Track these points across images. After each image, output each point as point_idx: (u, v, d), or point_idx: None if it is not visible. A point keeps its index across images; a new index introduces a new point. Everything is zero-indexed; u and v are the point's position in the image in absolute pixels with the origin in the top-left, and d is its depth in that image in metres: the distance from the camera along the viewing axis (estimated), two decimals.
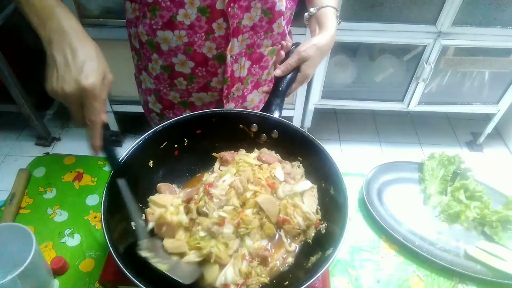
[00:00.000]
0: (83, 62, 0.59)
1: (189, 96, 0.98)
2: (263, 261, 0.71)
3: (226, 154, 0.84)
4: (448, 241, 0.91)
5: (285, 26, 0.93)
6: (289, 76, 0.84)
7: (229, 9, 0.80)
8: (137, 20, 0.87)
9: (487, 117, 2.29)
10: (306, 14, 0.91)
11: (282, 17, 0.88)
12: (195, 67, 0.90)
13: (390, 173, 1.04)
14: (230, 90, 0.96)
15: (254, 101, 1.06)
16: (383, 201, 0.98)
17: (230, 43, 0.86)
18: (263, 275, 0.70)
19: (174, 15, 0.81)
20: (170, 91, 0.97)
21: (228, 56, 0.88)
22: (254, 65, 0.96)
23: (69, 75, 0.57)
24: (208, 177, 0.80)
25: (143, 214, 0.77)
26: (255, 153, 0.85)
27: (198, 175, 0.87)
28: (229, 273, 0.68)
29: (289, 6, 0.90)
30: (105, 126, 0.65)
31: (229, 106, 1.00)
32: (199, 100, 0.99)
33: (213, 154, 0.86)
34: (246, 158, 0.82)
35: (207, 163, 0.86)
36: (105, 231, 0.62)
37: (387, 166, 1.05)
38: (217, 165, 0.84)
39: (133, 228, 0.73)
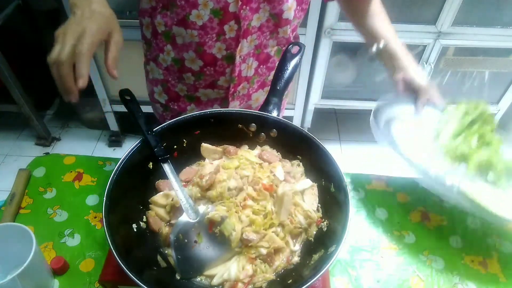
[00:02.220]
0: (96, 16, 0.62)
1: (195, 91, 0.99)
2: (268, 256, 0.72)
3: (229, 146, 0.84)
4: (446, 177, 0.84)
5: (291, 33, 0.94)
6: (287, 75, 0.85)
7: (241, 11, 0.81)
8: (154, 10, 0.87)
9: None
10: (373, 49, 0.93)
11: (288, 25, 0.89)
12: (204, 66, 0.91)
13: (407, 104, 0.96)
14: (236, 89, 0.97)
15: (259, 100, 1.06)
16: (391, 131, 0.92)
17: (240, 44, 0.86)
18: (268, 273, 0.71)
19: (188, 15, 0.82)
20: (178, 83, 0.98)
21: (238, 57, 0.88)
22: (261, 66, 0.97)
23: (80, 21, 0.60)
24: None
25: (144, 216, 0.77)
26: (257, 150, 0.86)
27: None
28: (232, 269, 0.69)
29: (297, 15, 0.90)
30: (145, 119, 0.75)
31: (234, 104, 1.00)
32: (205, 96, 1.00)
33: (216, 146, 0.86)
34: (248, 155, 0.83)
35: None
36: (106, 231, 0.62)
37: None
38: (216, 161, 0.84)
39: (134, 228, 0.74)
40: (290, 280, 0.68)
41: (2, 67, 1.86)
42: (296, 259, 0.74)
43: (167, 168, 0.73)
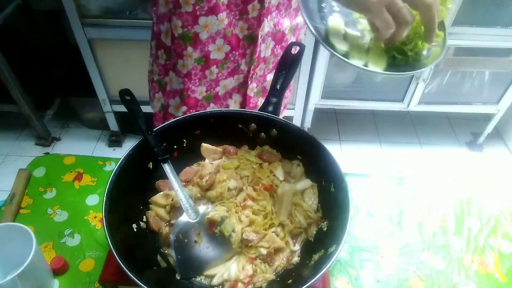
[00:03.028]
0: None
1: (216, 86, 0.98)
2: (268, 256, 0.72)
3: (229, 146, 0.84)
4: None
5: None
6: (287, 75, 0.85)
7: None
8: (171, 13, 0.85)
9: (487, 117, 2.29)
10: None
11: None
12: (230, 51, 0.91)
13: None
14: (255, 71, 0.97)
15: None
16: None
17: (262, 23, 0.86)
18: (268, 273, 0.71)
19: None
20: (198, 86, 0.97)
21: (259, 37, 0.88)
22: (277, 46, 0.97)
23: None
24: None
25: (144, 216, 0.77)
26: (257, 150, 0.86)
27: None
28: (232, 269, 0.69)
29: None
30: (145, 119, 0.74)
31: (252, 86, 1.00)
32: (224, 89, 0.99)
33: (216, 146, 0.86)
34: (248, 155, 0.83)
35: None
36: (106, 231, 0.62)
37: None
38: (216, 162, 0.84)
39: (134, 228, 0.74)
40: (290, 280, 0.68)
41: (2, 67, 1.86)
42: (296, 259, 0.74)
43: (167, 168, 0.73)
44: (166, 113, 1.05)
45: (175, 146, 0.83)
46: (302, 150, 0.83)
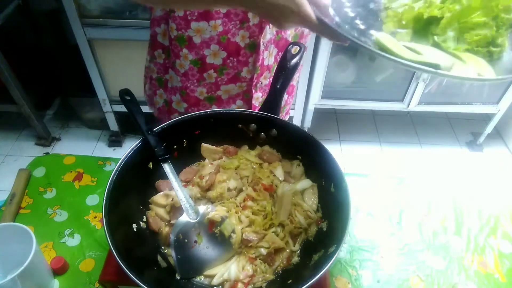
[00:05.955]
0: None
1: (217, 90, 0.97)
2: (268, 256, 0.72)
3: (229, 147, 0.84)
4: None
5: None
6: (286, 75, 0.85)
7: None
8: (167, 15, 0.86)
9: (487, 117, 2.29)
10: None
11: None
12: (227, 57, 0.90)
13: None
14: (259, 79, 0.96)
15: None
16: None
17: (264, 30, 0.86)
18: (268, 273, 0.71)
19: None
20: (198, 86, 0.96)
21: (261, 45, 0.88)
22: (280, 53, 0.97)
23: None
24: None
25: (144, 216, 0.77)
26: (257, 150, 0.86)
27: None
28: (232, 269, 0.69)
29: None
30: (145, 119, 0.75)
31: (257, 96, 1.00)
32: (226, 93, 0.98)
33: (216, 146, 0.86)
34: (248, 155, 0.83)
35: None
36: (106, 231, 0.62)
37: None
38: (217, 162, 0.84)
39: (134, 228, 0.74)
40: (290, 280, 0.68)
41: (2, 67, 1.86)
42: (296, 259, 0.74)
43: (167, 168, 0.73)
44: (170, 107, 1.05)
45: (175, 146, 0.83)
46: (302, 150, 0.83)
